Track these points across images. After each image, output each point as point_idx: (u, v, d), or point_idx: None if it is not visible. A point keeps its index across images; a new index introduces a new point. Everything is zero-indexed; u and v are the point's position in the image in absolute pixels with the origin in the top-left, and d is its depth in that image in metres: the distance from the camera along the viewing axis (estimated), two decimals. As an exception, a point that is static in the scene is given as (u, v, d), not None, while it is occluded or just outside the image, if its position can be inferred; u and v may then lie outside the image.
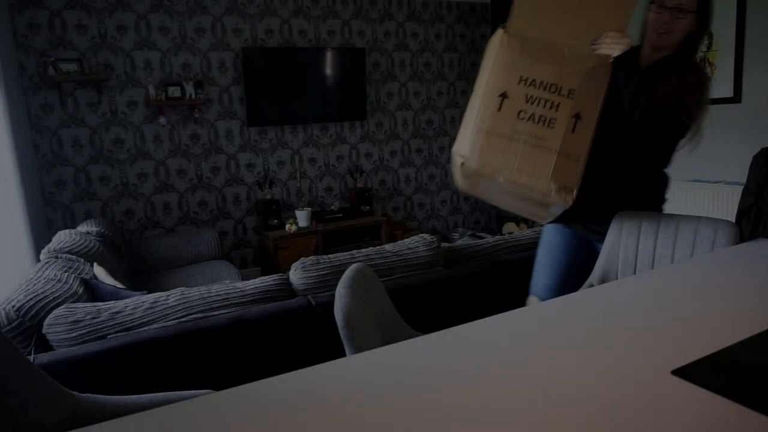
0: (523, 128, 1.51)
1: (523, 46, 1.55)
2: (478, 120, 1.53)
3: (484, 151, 1.51)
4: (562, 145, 1.49)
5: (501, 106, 1.52)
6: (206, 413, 0.81)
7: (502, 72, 1.54)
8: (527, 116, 1.51)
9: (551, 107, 1.51)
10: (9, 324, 1.60)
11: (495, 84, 1.54)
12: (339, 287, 1.26)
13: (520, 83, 1.53)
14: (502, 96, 1.52)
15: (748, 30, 3.44)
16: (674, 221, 1.96)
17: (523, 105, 1.52)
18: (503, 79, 1.54)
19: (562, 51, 1.54)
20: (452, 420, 0.76)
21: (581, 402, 0.79)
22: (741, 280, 1.30)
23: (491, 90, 1.54)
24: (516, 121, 1.51)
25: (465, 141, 1.54)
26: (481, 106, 1.54)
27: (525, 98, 1.52)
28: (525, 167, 1.49)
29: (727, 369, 0.87)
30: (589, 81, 1.53)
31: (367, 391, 0.86)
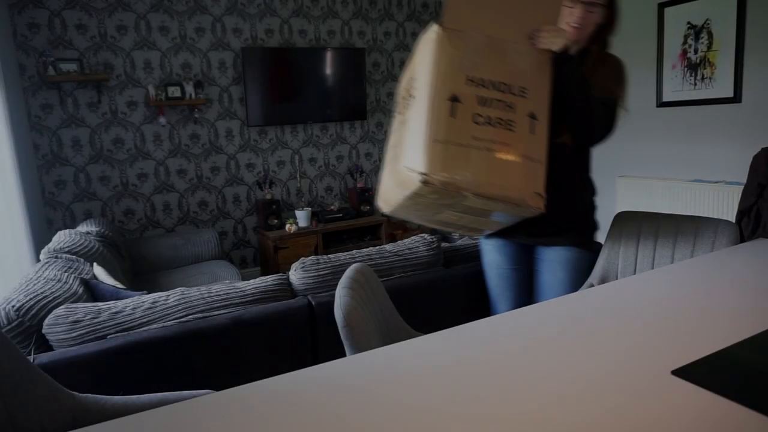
0: (482, 134, 1.36)
1: (464, 44, 1.40)
2: (431, 129, 1.33)
3: (448, 164, 1.32)
4: (525, 149, 1.38)
5: (453, 111, 1.35)
6: (206, 413, 0.81)
7: (447, 73, 1.37)
8: (484, 120, 1.36)
9: (507, 108, 1.39)
10: (9, 324, 1.59)
11: (442, 87, 1.36)
12: (339, 287, 1.26)
13: (469, 84, 1.37)
14: (453, 99, 1.36)
15: (748, 30, 3.44)
16: (674, 221, 1.96)
17: (477, 108, 1.37)
18: (450, 80, 1.37)
19: (503, 47, 1.42)
20: (452, 420, 0.76)
21: (581, 402, 0.79)
22: (741, 280, 1.30)
23: (438, 94, 1.36)
24: (473, 127, 1.36)
25: (418, 155, 1.33)
26: (431, 113, 1.34)
27: (477, 100, 1.37)
28: (495, 177, 1.34)
29: (727, 369, 0.87)
30: (536, 78, 1.43)
31: (367, 391, 0.86)
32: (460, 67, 1.38)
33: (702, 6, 3.66)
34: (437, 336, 1.07)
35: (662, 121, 4.02)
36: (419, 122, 1.36)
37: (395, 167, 1.45)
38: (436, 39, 1.40)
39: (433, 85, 1.36)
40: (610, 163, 4.39)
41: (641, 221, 2.02)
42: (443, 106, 1.35)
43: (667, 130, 4.00)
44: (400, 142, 1.45)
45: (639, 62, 4.08)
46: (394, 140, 1.52)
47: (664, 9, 3.87)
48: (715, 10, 3.59)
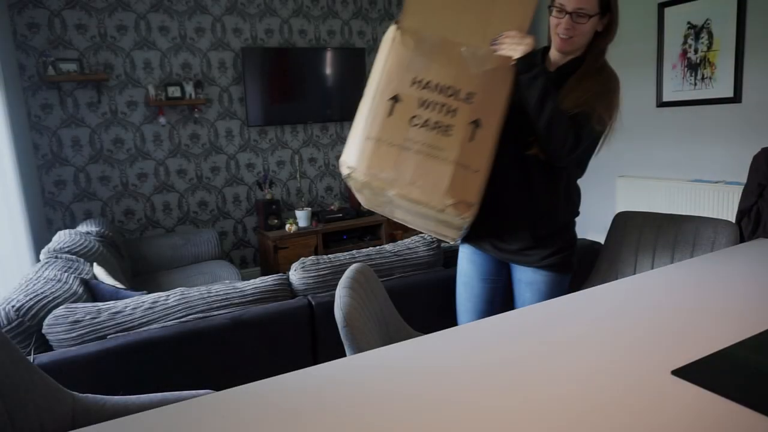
0: (417, 136, 1.34)
1: (417, 45, 1.38)
2: (367, 126, 1.36)
3: (374, 162, 1.33)
4: (459, 155, 1.33)
5: (392, 110, 1.35)
6: (206, 413, 0.81)
7: (393, 73, 1.37)
8: (421, 122, 1.34)
9: (447, 112, 1.35)
10: (9, 324, 1.59)
11: (386, 86, 1.37)
12: (339, 287, 1.26)
13: (414, 85, 1.36)
14: (394, 99, 1.35)
15: (748, 30, 3.44)
16: (674, 221, 1.96)
17: (417, 110, 1.35)
18: (395, 80, 1.37)
19: (458, 51, 1.39)
20: (452, 420, 0.76)
21: (581, 402, 0.79)
22: (741, 280, 1.30)
23: (381, 93, 1.36)
24: (408, 128, 1.34)
25: (352, 149, 1.37)
26: (371, 111, 1.37)
27: (418, 102, 1.35)
28: (418, 180, 1.33)
29: (727, 369, 0.87)
30: (489, 84, 1.38)
31: (367, 391, 0.86)
32: (407, 68, 1.37)
33: (702, 6, 3.66)
34: (437, 336, 1.07)
35: (662, 121, 4.02)
36: (360, 117, 1.39)
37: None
38: (390, 38, 1.41)
39: (377, 84, 1.38)
40: (610, 163, 4.39)
41: (641, 221, 2.02)
42: (383, 105, 1.36)
43: (667, 130, 4.00)
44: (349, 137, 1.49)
45: (639, 62, 4.08)
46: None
47: (664, 9, 3.87)
48: (715, 10, 3.59)
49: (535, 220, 1.53)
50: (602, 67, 1.49)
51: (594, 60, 1.48)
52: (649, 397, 0.79)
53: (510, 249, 1.58)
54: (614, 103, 1.46)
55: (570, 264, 1.59)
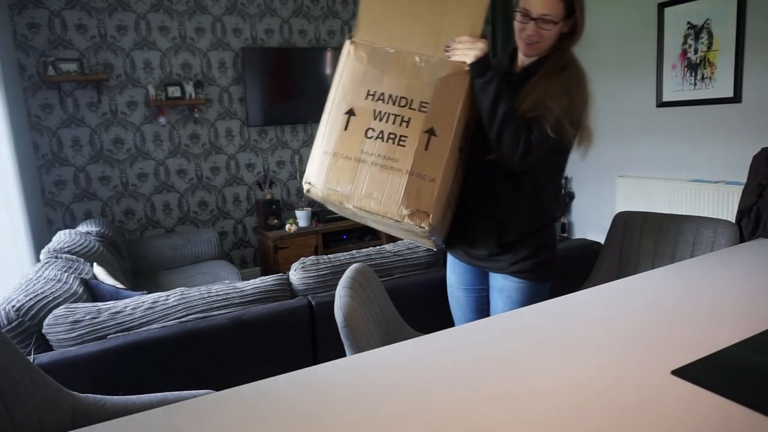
0: (372, 148, 1.35)
1: (370, 57, 1.40)
2: (324, 141, 1.39)
3: (331, 176, 1.37)
4: (413, 165, 1.33)
5: (347, 124, 1.37)
6: (206, 413, 0.81)
7: (348, 87, 1.40)
8: (375, 134, 1.35)
9: (401, 123, 1.35)
10: (9, 324, 1.59)
11: (341, 100, 1.39)
12: (339, 287, 1.26)
13: (368, 98, 1.37)
14: (349, 113, 1.38)
15: (748, 30, 3.44)
16: (674, 221, 1.96)
17: (371, 122, 1.36)
18: (350, 94, 1.39)
19: (411, 60, 1.39)
20: (452, 420, 0.76)
21: (581, 402, 0.79)
22: (741, 280, 1.30)
23: (337, 107, 1.39)
24: (364, 141, 1.36)
25: (312, 165, 1.41)
26: (328, 126, 1.40)
27: (373, 115, 1.36)
28: (374, 192, 1.34)
29: (727, 369, 0.87)
30: (442, 92, 1.36)
31: (367, 391, 0.86)
32: (361, 81, 1.39)
33: (702, 6, 3.66)
34: (437, 336, 1.07)
35: (662, 121, 4.02)
36: (319, 133, 1.42)
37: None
38: (345, 53, 1.43)
39: (333, 99, 1.41)
40: (610, 163, 4.39)
41: (641, 221, 2.02)
42: (339, 119, 1.39)
43: (667, 130, 4.00)
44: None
45: (639, 62, 4.08)
46: None
47: (664, 9, 3.87)
48: (715, 10, 3.59)
49: (500, 226, 1.50)
50: (566, 64, 1.44)
51: (556, 59, 1.44)
52: (649, 397, 0.79)
53: (479, 255, 1.56)
54: (575, 104, 1.40)
55: (545, 272, 1.53)
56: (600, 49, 4.27)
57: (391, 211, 1.34)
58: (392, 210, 1.34)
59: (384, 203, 1.34)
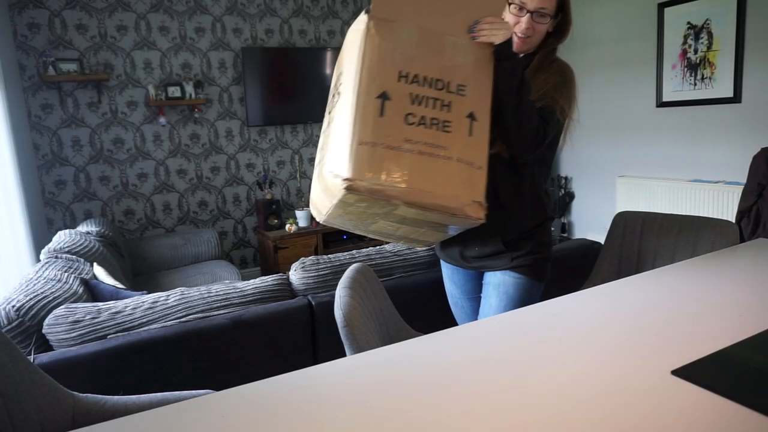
0: (415, 135, 1.21)
1: (395, 35, 1.25)
2: (357, 130, 1.18)
3: (375, 169, 1.17)
4: (463, 153, 1.24)
5: (383, 109, 1.21)
6: (206, 413, 0.81)
7: (376, 68, 1.22)
8: (417, 120, 1.22)
9: (442, 107, 1.24)
10: (9, 324, 1.59)
11: (369, 83, 1.21)
12: (339, 287, 1.26)
13: (401, 80, 1.23)
14: (382, 97, 1.21)
15: (748, 30, 3.44)
16: (674, 221, 1.96)
17: (410, 107, 1.22)
18: (379, 76, 1.22)
19: (439, 40, 1.28)
20: (452, 420, 0.76)
21: (581, 402, 0.79)
22: (741, 280, 1.30)
23: (366, 91, 1.21)
24: (405, 128, 1.21)
25: (342, 158, 1.18)
26: (358, 112, 1.20)
27: (410, 98, 1.23)
28: (429, 185, 1.20)
29: (727, 369, 0.87)
30: (476, 74, 1.29)
31: (367, 391, 0.86)
32: (391, 62, 1.23)
33: (702, 6, 3.66)
34: (437, 336, 1.07)
35: (662, 121, 4.02)
36: (345, 122, 1.21)
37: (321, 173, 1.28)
38: (364, 30, 1.24)
39: (360, 81, 1.21)
40: (610, 163, 4.39)
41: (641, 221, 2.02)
42: (371, 105, 1.20)
43: (667, 130, 4.00)
44: (326, 145, 1.29)
45: (639, 62, 4.08)
46: (322, 142, 1.35)
47: (664, 9, 3.87)
48: (715, 10, 3.59)
49: (503, 224, 1.47)
50: (555, 60, 1.47)
51: (545, 57, 1.45)
52: (649, 397, 0.79)
53: (479, 255, 1.52)
54: (573, 94, 1.43)
55: (543, 270, 1.52)
56: (600, 49, 4.27)
57: (449, 204, 1.21)
58: (450, 203, 1.21)
59: (440, 196, 1.21)
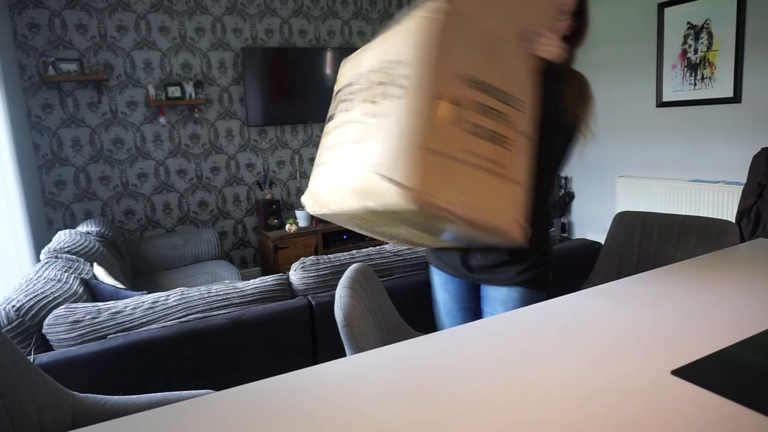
0: (478, 149, 1.09)
1: (467, 33, 1.12)
2: (421, 134, 1.04)
3: (439, 182, 1.03)
4: (521, 174, 1.16)
5: (440, 112, 1.08)
6: (206, 413, 0.81)
7: (440, 64, 1.08)
8: (478, 131, 1.10)
9: (503, 121, 1.13)
10: (9, 324, 1.59)
11: (440, 82, 1.07)
12: (339, 287, 1.26)
13: (470, 85, 1.10)
14: (451, 101, 1.08)
15: (748, 30, 3.44)
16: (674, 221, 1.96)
17: (476, 116, 1.10)
18: (442, 74, 1.08)
19: (500, 46, 1.16)
20: (452, 420, 0.76)
21: (581, 402, 0.79)
22: (741, 280, 1.30)
23: (423, 87, 1.06)
24: (471, 139, 1.09)
25: (404, 164, 1.03)
26: (425, 114, 1.05)
27: (476, 107, 1.10)
28: (486, 203, 1.10)
29: (727, 369, 0.86)
30: (529, 89, 1.19)
31: (367, 391, 0.86)
32: (457, 61, 1.10)
33: (702, 6, 3.66)
34: (437, 336, 1.07)
35: (662, 121, 4.02)
36: (405, 122, 1.05)
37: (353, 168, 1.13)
38: (436, 20, 1.09)
39: (428, 78, 1.07)
40: (610, 163, 4.39)
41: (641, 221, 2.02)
42: (441, 108, 1.07)
43: (667, 130, 4.00)
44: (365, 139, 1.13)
45: (639, 62, 4.08)
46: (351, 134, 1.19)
47: (664, 9, 3.87)
48: (715, 10, 3.59)
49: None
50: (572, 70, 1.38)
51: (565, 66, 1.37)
52: (649, 397, 0.79)
53: (483, 264, 1.44)
54: (592, 109, 1.38)
55: (547, 280, 1.48)
56: (600, 49, 4.27)
57: (505, 226, 1.12)
58: (507, 226, 1.12)
59: (498, 216, 1.11)
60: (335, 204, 1.21)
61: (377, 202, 1.08)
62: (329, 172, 1.24)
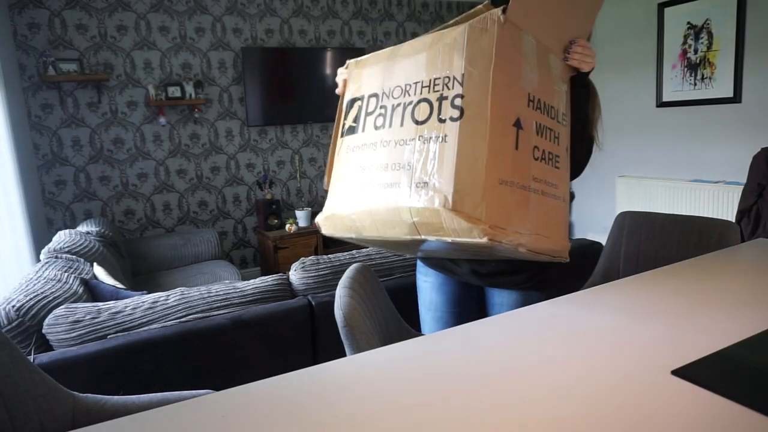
0: (539, 172, 1.06)
1: (524, 49, 1.06)
2: (495, 164, 0.97)
3: (502, 211, 0.98)
4: (565, 190, 1.13)
5: (517, 141, 1.01)
6: (206, 413, 0.81)
7: (509, 88, 1.01)
8: (540, 155, 1.06)
9: (554, 139, 1.09)
10: (9, 324, 1.59)
11: (506, 106, 1.00)
12: (339, 287, 1.26)
13: (530, 105, 1.04)
14: (517, 125, 1.01)
15: (748, 30, 3.44)
16: (675, 221, 1.96)
17: (535, 138, 1.05)
18: (513, 98, 1.02)
19: (548, 59, 1.12)
20: (452, 420, 0.76)
21: (581, 402, 0.79)
22: (741, 280, 1.30)
23: (501, 116, 0.99)
24: (533, 164, 1.04)
25: (470, 193, 0.96)
26: (497, 143, 0.98)
27: (536, 128, 1.05)
28: (546, 229, 1.07)
29: (727, 369, 0.87)
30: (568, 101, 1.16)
31: (367, 391, 0.86)
32: (519, 80, 1.03)
33: (702, 6, 3.66)
34: (437, 336, 1.07)
35: (662, 121, 4.02)
36: (473, 150, 0.97)
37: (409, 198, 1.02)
38: (498, 35, 1.00)
39: (490, 100, 0.98)
40: (610, 163, 4.39)
41: (642, 221, 2.02)
42: (508, 133, 1.00)
43: (667, 130, 4.00)
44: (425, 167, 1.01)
45: (639, 62, 4.08)
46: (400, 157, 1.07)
47: (664, 9, 3.88)
48: (715, 10, 3.59)
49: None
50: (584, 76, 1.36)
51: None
52: (649, 397, 0.79)
53: (493, 271, 1.42)
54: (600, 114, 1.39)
55: (550, 280, 1.48)
56: (600, 49, 4.27)
57: (557, 247, 1.10)
58: (560, 248, 1.10)
59: (552, 240, 1.09)
60: (373, 231, 1.13)
61: (437, 234, 1.01)
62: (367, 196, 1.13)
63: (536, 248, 1.05)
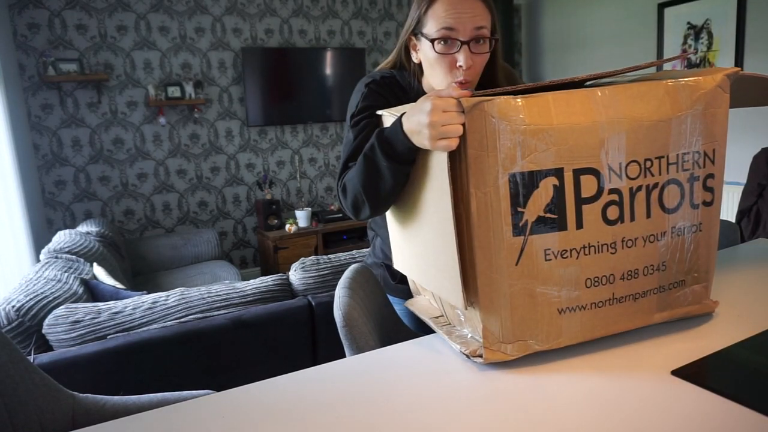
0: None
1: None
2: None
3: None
4: None
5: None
6: (206, 413, 0.81)
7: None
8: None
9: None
10: (9, 324, 1.60)
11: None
12: (338, 287, 1.26)
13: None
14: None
15: (748, 30, 3.44)
16: (674, 221, 1.96)
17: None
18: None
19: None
20: (453, 420, 0.76)
21: (581, 402, 0.79)
22: (741, 280, 1.30)
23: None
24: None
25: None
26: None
27: None
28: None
29: (727, 369, 0.87)
30: None
31: (366, 392, 0.86)
32: None
33: (702, 6, 3.66)
34: (437, 336, 1.07)
35: (662, 121, 4.01)
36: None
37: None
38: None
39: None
40: (610, 163, 4.39)
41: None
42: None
43: (667, 130, 4.00)
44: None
45: (639, 62, 4.08)
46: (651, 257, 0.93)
47: (664, 9, 3.88)
48: (715, 10, 3.59)
49: None
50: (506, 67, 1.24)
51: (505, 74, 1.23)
52: (649, 397, 0.79)
53: None
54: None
55: None
56: (600, 49, 4.27)
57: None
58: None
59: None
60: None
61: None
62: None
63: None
